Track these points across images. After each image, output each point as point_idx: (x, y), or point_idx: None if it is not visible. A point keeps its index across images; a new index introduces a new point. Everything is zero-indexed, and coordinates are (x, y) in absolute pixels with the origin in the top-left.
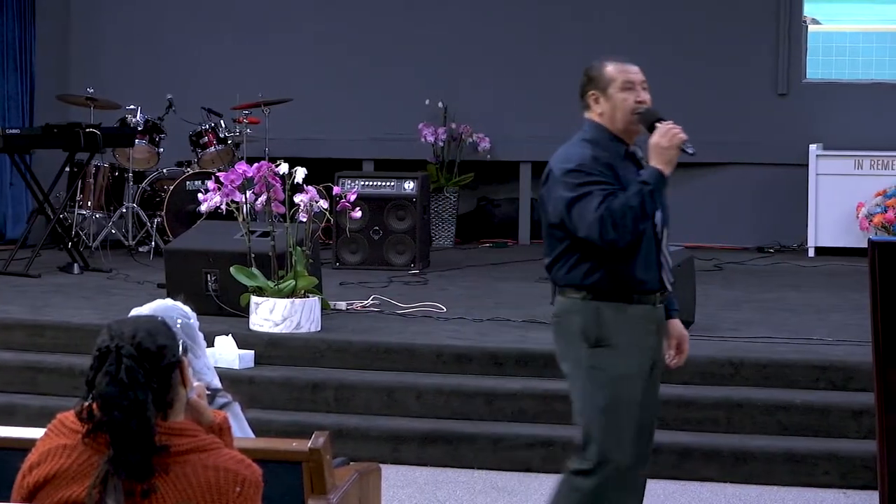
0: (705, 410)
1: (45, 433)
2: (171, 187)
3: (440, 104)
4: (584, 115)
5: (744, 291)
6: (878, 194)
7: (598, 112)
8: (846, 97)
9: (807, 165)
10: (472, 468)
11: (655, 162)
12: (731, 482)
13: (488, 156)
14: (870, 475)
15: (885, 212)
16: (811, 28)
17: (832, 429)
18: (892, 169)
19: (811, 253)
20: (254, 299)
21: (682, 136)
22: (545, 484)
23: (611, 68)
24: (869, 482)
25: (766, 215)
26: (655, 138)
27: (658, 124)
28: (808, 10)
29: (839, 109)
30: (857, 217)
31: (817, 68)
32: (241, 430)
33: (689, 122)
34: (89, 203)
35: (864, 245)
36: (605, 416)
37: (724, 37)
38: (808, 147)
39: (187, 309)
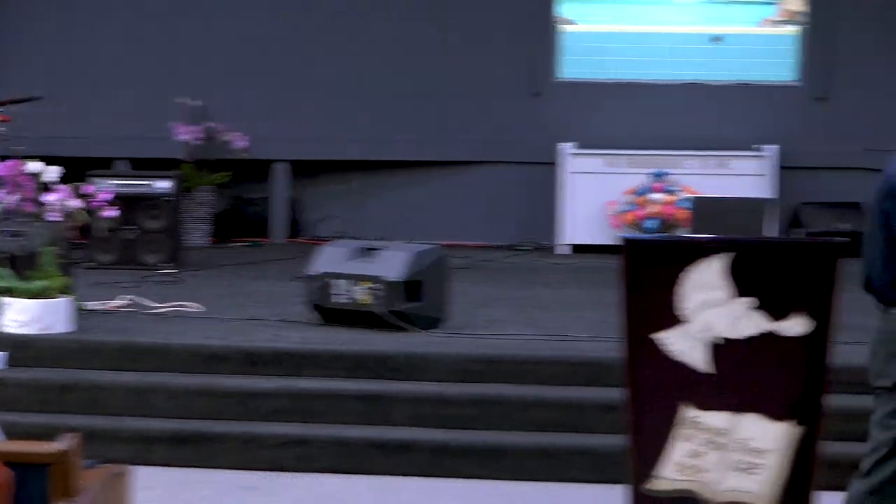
0: (460, 408)
1: None
2: None
3: (195, 102)
4: None
5: (498, 289)
6: (630, 192)
7: None
8: (599, 96)
9: (560, 164)
10: (224, 468)
11: None
12: (486, 479)
13: (244, 154)
14: (620, 469)
15: (636, 209)
16: (565, 28)
17: (585, 424)
18: (644, 167)
19: (564, 250)
20: (3, 300)
21: None
22: (298, 483)
23: None
24: (619, 476)
25: (519, 213)
26: None
27: None
28: (562, 10)
29: (592, 108)
30: (609, 215)
31: (571, 67)
32: None
33: (444, 120)
34: None
35: (616, 242)
36: None
37: (477, 35)
38: (562, 145)
39: None
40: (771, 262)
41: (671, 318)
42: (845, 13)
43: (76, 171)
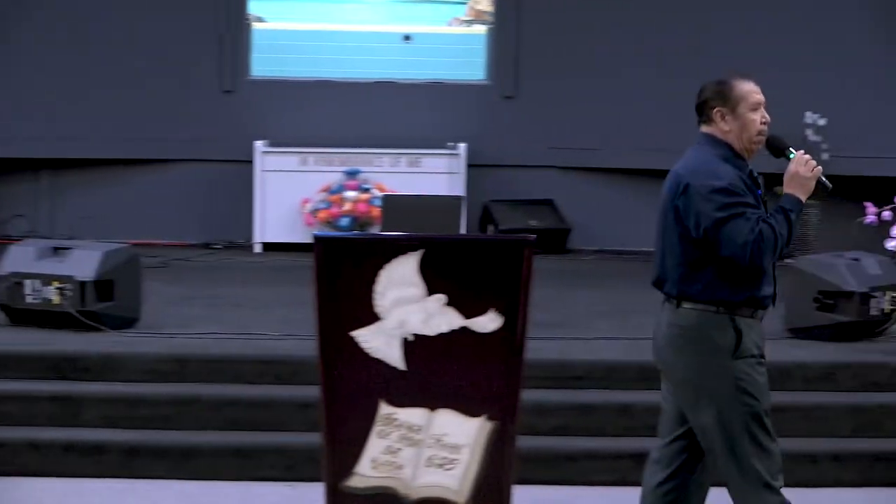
0: (153, 408)
1: None
2: None
3: None
4: (701, 128)
5: (191, 288)
6: (323, 190)
7: (723, 129)
8: (292, 94)
9: (253, 162)
10: None
11: (794, 190)
12: (179, 479)
13: None
14: (315, 467)
15: (330, 207)
16: (256, 25)
17: (278, 422)
18: (337, 165)
19: (258, 249)
20: None
21: (820, 167)
22: None
23: (741, 87)
24: (314, 474)
25: (212, 212)
26: (795, 167)
27: (788, 151)
28: (253, 8)
29: (285, 106)
30: (303, 213)
31: (263, 65)
32: None
33: (137, 118)
34: None
35: (310, 240)
36: (763, 420)
37: (167, 32)
38: (254, 143)
39: None
40: (462, 260)
41: (367, 316)
42: (528, 13)
43: None
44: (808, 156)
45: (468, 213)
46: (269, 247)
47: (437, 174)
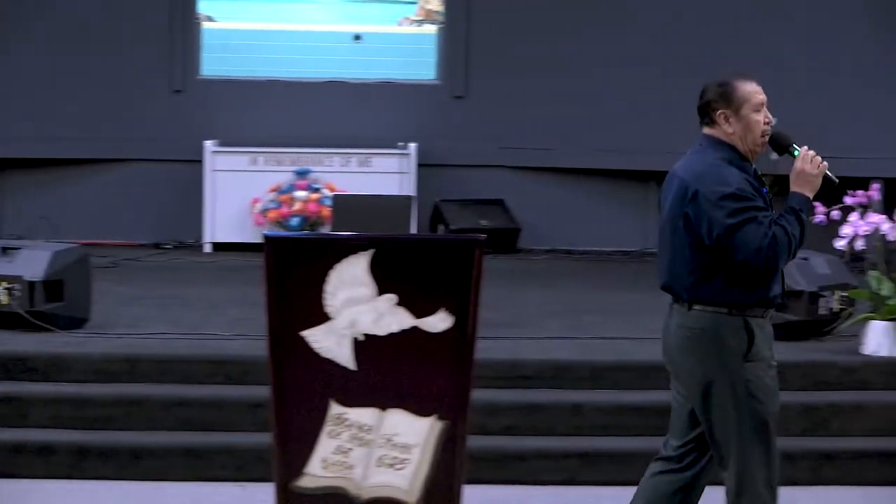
0: (102, 408)
1: None
2: None
3: None
4: (703, 129)
5: (141, 288)
6: (273, 189)
7: (728, 131)
8: (242, 94)
9: (203, 161)
10: None
11: (801, 188)
12: (129, 479)
13: None
14: (265, 467)
15: (280, 207)
16: (206, 25)
17: (228, 422)
18: (287, 165)
19: (208, 248)
20: None
21: (825, 163)
22: None
23: (744, 88)
24: (265, 474)
25: (162, 211)
26: (801, 165)
27: (792, 148)
28: (203, 7)
29: (235, 106)
30: (253, 212)
31: (212, 65)
32: None
33: (87, 117)
34: None
35: (260, 240)
36: (769, 424)
37: (116, 32)
38: (204, 143)
39: None
40: (413, 259)
41: (317, 316)
42: (479, 13)
43: None
44: (812, 152)
45: (419, 212)
46: (219, 247)
47: (387, 174)
